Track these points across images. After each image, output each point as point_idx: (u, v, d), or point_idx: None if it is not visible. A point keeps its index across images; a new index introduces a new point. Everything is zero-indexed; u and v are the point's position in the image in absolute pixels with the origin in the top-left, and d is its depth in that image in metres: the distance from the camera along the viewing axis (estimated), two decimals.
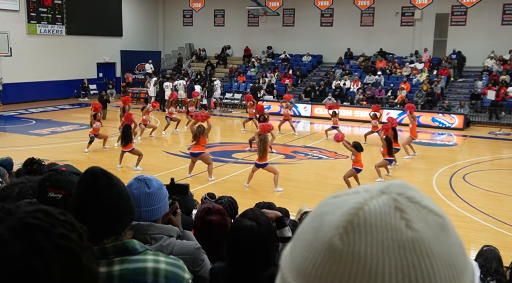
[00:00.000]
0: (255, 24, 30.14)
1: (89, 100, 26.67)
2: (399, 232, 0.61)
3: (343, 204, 0.65)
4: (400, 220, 0.62)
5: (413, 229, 0.61)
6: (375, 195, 0.65)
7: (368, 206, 0.63)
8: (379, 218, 0.62)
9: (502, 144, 17.84)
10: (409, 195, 0.65)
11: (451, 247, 0.63)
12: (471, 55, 24.44)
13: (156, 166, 12.95)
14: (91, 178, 1.76)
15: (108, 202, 1.73)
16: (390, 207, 0.63)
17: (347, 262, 0.61)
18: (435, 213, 0.64)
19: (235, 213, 4.49)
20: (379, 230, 0.61)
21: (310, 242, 0.65)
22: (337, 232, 0.62)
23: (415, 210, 0.63)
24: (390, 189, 0.65)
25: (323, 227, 0.64)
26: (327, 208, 0.66)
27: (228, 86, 26.82)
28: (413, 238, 0.61)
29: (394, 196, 0.64)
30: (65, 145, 15.76)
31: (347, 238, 0.61)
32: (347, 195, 0.67)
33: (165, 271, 1.72)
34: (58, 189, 2.09)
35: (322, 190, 11.20)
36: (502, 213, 9.91)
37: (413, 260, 0.60)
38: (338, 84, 24.37)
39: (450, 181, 12.35)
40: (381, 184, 0.67)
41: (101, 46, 29.13)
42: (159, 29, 33.54)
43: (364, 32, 27.19)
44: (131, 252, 1.71)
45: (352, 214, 0.63)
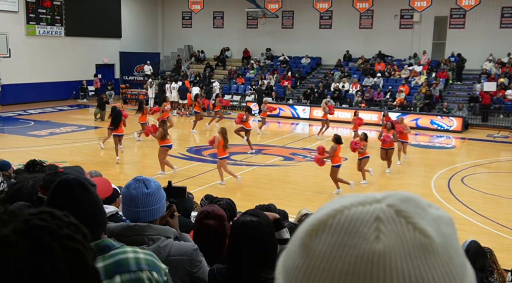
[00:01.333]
0: (254, 26, 30.17)
1: (88, 102, 26.69)
2: (365, 241, 0.60)
3: (335, 204, 0.66)
4: (373, 231, 0.61)
5: (380, 241, 0.60)
6: (368, 202, 0.64)
7: (349, 210, 0.63)
8: (353, 224, 0.62)
9: (500, 146, 17.86)
10: (401, 208, 0.63)
11: (427, 269, 0.60)
12: (470, 58, 24.45)
13: (154, 167, 12.93)
14: (65, 187, 1.83)
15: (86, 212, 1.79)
16: (371, 216, 0.62)
17: (308, 257, 0.63)
18: (422, 232, 0.61)
19: (234, 215, 4.47)
20: (346, 234, 0.62)
21: (295, 236, 0.68)
22: (309, 229, 0.65)
23: (397, 224, 0.62)
24: (386, 200, 0.64)
25: (305, 223, 0.67)
26: (323, 207, 0.68)
27: (227, 88, 26.82)
28: (376, 250, 0.60)
29: (383, 207, 0.63)
30: (63, 146, 15.75)
31: (315, 237, 0.63)
32: (349, 198, 0.67)
33: (145, 259, 1.84)
34: (47, 190, 2.08)
35: (321, 192, 11.20)
36: (500, 216, 9.92)
37: (366, 270, 0.59)
38: (337, 86, 24.39)
39: (449, 183, 12.36)
40: (387, 192, 0.66)
41: (100, 47, 29.13)
42: (158, 30, 33.56)
43: (363, 34, 27.23)
44: (109, 249, 1.81)
45: (329, 215, 0.64)
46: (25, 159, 4.70)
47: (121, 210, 2.77)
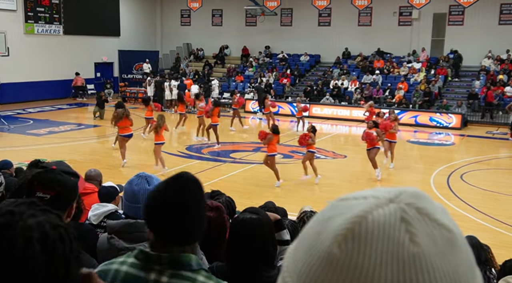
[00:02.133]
0: (253, 24, 30.15)
1: (87, 100, 26.67)
2: (401, 245, 0.59)
3: (348, 209, 0.63)
4: (405, 233, 0.60)
5: (416, 244, 0.59)
6: (383, 203, 0.62)
7: (372, 215, 0.61)
8: (382, 229, 0.60)
9: (499, 143, 17.88)
10: (419, 206, 0.62)
11: (458, 263, 0.61)
12: (469, 55, 24.48)
13: (153, 165, 12.93)
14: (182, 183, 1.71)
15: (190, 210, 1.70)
16: (396, 218, 0.60)
17: (342, 271, 0.59)
18: (445, 227, 0.62)
19: (233, 213, 4.48)
20: (380, 241, 0.59)
21: (311, 247, 0.64)
22: (336, 240, 0.61)
23: (422, 222, 0.61)
24: (400, 198, 0.63)
25: (324, 233, 0.63)
26: (332, 213, 0.64)
27: (226, 86, 26.82)
28: (415, 253, 0.58)
29: (403, 206, 0.62)
30: (63, 145, 15.74)
31: (346, 247, 0.60)
32: (355, 200, 0.65)
33: None
34: (46, 189, 2.04)
35: (320, 190, 11.22)
36: (500, 212, 9.94)
37: (411, 276, 0.58)
38: (336, 84, 24.39)
39: (448, 180, 12.38)
40: (393, 190, 0.65)
41: (99, 46, 29.10)
42: (156, 28, 33.54)
43: (362, 31, 27.22)
44: (184, 267, 1.66)
45: (354, 222, 0.61)
46: (25, 157, 4.71)
47: (123, 207, 2.78)
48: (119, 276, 1.68)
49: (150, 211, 1.71)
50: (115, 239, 2.58)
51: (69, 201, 2.10)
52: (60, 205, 2.00)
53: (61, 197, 2.05)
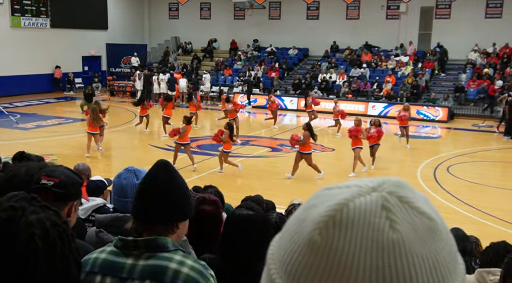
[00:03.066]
0: (241, 17, 30.07)
1: (74, 94, 26.47)
2: (381, 232, 0.60)
3: (331, 198, 0.64)
4: (385, 220, 0.61)
5: (396, 231, 0.60)
6: (365, 191, 0.63)
7: (354, 203, 0.62)
8: (363, 216, 0.61)
9: (485, 136, 18.08)
10: (401, 194, 0.63)
11: (438, 251, 0.62)
12: (455, 48, 24.65)
13: (143, 160, 12.91)
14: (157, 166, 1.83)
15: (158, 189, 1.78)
16: (377, 206, 0.62)
17: (323, 257, 0.60)
18: (426, 215, 0.63)
19: (222, 203, 4.52)
20: (360, 228, 0.60)
21: (293, 234, 0.65)
22: (318, 227, 0.62)
23: (403, 210, 0.62)
24: (382, 187, 0.64)
25: (306, 221, 0.64)
26: (316, 201, 0.65)
27: (214, 80, 26.76)
28: (394, 239, 0.60)
29: (384, 194, 0.63)
30: (50, 139, 15.64)
31: (327, 233, 0.61)
32: (339, 188, 0.66)
33: (186, 275, 1.66)
34: (51, 176, 2.11)
35: (308, 183, 11.28)
36: (486, 205, 10.07)
37: (389, 261, 0.59)
38: (324, 77, 24.45)
39: (435, 173, 12.51)
40: (376, 179, 0.66)
41: (87, 39, 28.85)
42: (144, 22, 33.31)
43: (350, 25, 27.28)
44: (161, 249, 1.70)
45: (335, 209, 0.62)
46: (12, 151, 4.68)
47: (112, 201, 2.79)
48: (97, 264, 1.71)
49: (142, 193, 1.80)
50: (103, 233, 2.58)
51: (71, 195, 2.12)
52: (62, 196, 2.03)
53: (65, 186, 2.08)
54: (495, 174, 13.10)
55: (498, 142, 16.91)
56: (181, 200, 1.82)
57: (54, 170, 2.19)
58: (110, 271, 1.69)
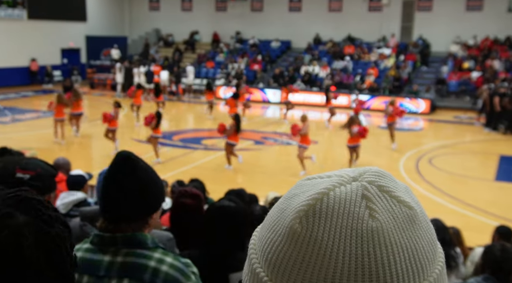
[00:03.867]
0: (223, 9, 29.85)
1: (53, 87, 26.03)
2: (360, 220, 0.61)
3: (312, 187, 0.64)
4: (365, 209, 0.61)
5: (376, 219, 0.61)
6: (346, 181, 0.64)
7: (334, 192, 0.63)
8: (343, 205, 0.62)
9: (467, 127, 18.26)
10: (381, 184, 0.64)
11: (417, 239, 0.63)
12: (437, 41, 24.83)
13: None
14: (118, 161, 1.72)
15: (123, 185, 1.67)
16: (357, 195, 0.62)
17: (303, 245, 0.61)
18: (405, 204, 0.63)
19: (206, 196, 4.46)
20: (340, 217, 0.61)
21: (274, 224, 0.65)
22: (298, 216, 0.62)
23: (383, 199, 0.63)
24: (363, 176, 0.65)
25: (287, 210, 0.64)
26: (297, 190, 0.66)
27: (196, 72, 26.54)
28: (373, 227, 0.60)
29: (365, 184, 0.64)
30: (29, 133, 15.35)
31: (306, 222, 0.61)
32: (320, 178, 0.66)
33: (165, 273, 1.62)
34: (26, 170, 2.07)
35: (292, 176, 11.24)
36: (467, 195, 10.16)
37: (369, 249, 0.60)
38: (307, 70, 24.42)
39: (417, 164, 12.58)
40: (357, 169, 0.66)
41: (65, 31, 28.31)
42: (125, 14, 32.83)
43: (333, 17, 27.26)
44: (140, 245, 1.65)
45: (315, 198, 0.62)
46: None
47: (96, 196, 2.73)
48: None
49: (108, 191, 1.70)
50: (87, 226, 2.53)
51: (47, 187, 2.08)
52: (39, 189, 1.99)
53: (41, 179, 2.06)
54: (477, 165, 13.22)
55: (480, 134, 17.08)
56: (150, 191, 1.71)
57: (28, 162, 2.15)
58: (87, 269, 1.63)
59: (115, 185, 1.68)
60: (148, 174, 1.72)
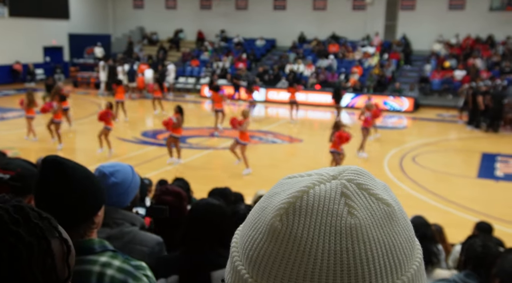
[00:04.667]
0: (208, 7, 29.75)
1: (36, 86, 25.70)
2: (339, 217, 0.62)
3: (293, 185, 0.66)
4: (344, 206, 0.63)
5: (354, 216, 0.62)
6: (326, 179, 0.66)
7: (313, 190, 0.64)
8: (322, 202, 0.63)
9: (450, 125, 18.45)
10: (360, 182, 0.66)
11: (395, 236, 0.64)
12: (420, 39, 25.06)
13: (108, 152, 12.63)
14: (42, 167, 1.64)
15: (57, 191, 1.59)
16: (336, 193, 0.64)
17: (283, 243, 0.62)
18: (383, 202, 0.65)
19: (189, 196, 4.45)
20: (319, 214, 0.62)
21: (255, 222, 0.66)
22: (278, 213, 0.63)
23: (362, 197, 0.64)
24: (342, 175, 0.67)
25: (267, 208, 0.66)
26: (278, 189, 0.67)
27: (181, 71, 26.44)
28: (352, 224, 0.62)
29: (344, 182, 0.65)
30: (11, 132, 15.15)
31: (287, 220, 0.63)
32: (301, 177, 0.68)
33: (111, 277, 1.58)
34: (6, 169, 2.06)
35: (277, 174, 11.23)
36: (450, 193, 10.28)
37: (347, 245, 0.61)
38: (292, 68, 24.47)
39: (401, 162, 12.68)
40: (337, 168, 0.68)
41: (48, 29, 27.97)
42: (108, 11, 32.54)
43: (317, 16, 27.34)
44: (86, 252, 1.59)
45: (295, 196, 0.64)
46: None
47: None
48: None
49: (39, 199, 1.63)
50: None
51: (29, 187, 2.03)
52: (19, 189, 1.98)
53: (22, 178, 2.03)
54: (459, 163, 13.38)
55: (462, 131, 17.28)
56: (84, 192, 1.62)
57: (10, 162, 2.14)
58: None
59: (46, 191, 1.60)
60: (79, 174, 1.64)
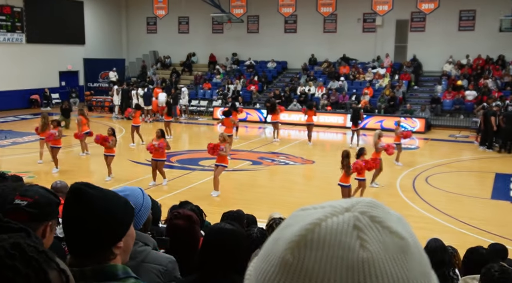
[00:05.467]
0: (220, 31, 30.19)
1: (52, 110, 26.13)
2: (351, 251, 0.61)
3: (305, 218, 0.65)
4: (356, 240, 0.62)
5: (366, 249, 0.61)
6: (338, 211, 0.65)
7: (326, 223, 0.63)
8: (334, 235, 0.62)
9: (462, 146, 18.38)
10: (373, 214, 0.65)
11: (409, 270, 0.63)
12: (430, 60, 25.14)
13: (121, 175, 12.78)
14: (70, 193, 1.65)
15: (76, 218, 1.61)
16: (348, 225, 0.63)
17: (294, 276, 0.61)
18: (397, 235, 0.64)
19: (201, 220, 4.50)
20: (331, 247, 0.61)
21: (268, 254, 0.66)
22: (290, 246, 0.63)
23: (374, 230, 0.63)
24: (355, 207, 0.66)
25: (280, 240, 0.65)
26: (292, 221, 0.67)
27: (194, 94, 26.74)
28: (364, 258, 0.60)
29: (357, 214, 0.64)
30: (27, 156, 15.39)
31: (298, 253, 0.62)
32: (314, 209, 0.67)
33: None
34: (24, 196, 2.07)
35: (289, 196, 11.29)
36: (463, 214, 10.21)
37: (359, 280, 0.60)
38: (303, 90, 24.63)
39: (413, 183, 12.64)
40: (350, 200, 0.68)
41: (64, 54, 28.58)
42: (122, 36, 33.18)
43: (327, 38, 27.59)
44: (110, 278, 1.58)
45: (307, 229, 0.63)
46: None
47: None
48: None
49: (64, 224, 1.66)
50: None
51: (46, 214, 2.05)
52: (36, 216, 1.99)
53: (39, 206, 2.04)
54: (472, 184, 13.30)
55: (475, 152, 17.20)
56: (104, 223, 1.62)
57: (28, 189, 2.15)
58: None
59: (71, 218, 1.63)
60: (103, 202, 1.63)
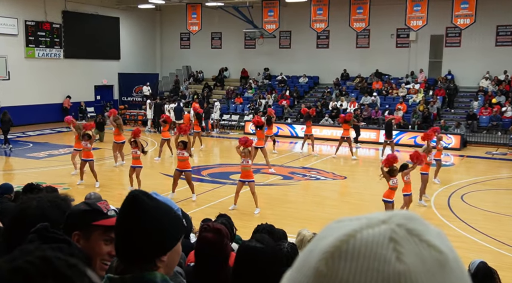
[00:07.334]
0: (252, 46, 30.41)
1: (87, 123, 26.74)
2: (387, 263, 0.60)
3: (340, 229, 0.65)
4: (392, 252, 0.61)
5: (403, 262, 0.60)
6: (375, 223, 0.64)
7: (361, 234, 0.63)
8: (370, 247, 0.61)
9: (499, 163, 17.88)
10: (410, 227, 0.63)
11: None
12: (466, 76, 24.67)
13: (153, 188, 12.89)
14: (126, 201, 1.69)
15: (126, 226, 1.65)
16: (384, 237, 0.62)
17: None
18: (436, 249, 0.62)
19: (232, 232, 4.49)
20: (366, 259, 0.60)
21: (302, 265, 0.65)
22: (324, 257, 0.62)
23: (412, 242, 0.62)
24: (392, 219, 0.65)
25: (314, 251, 0.65)
26: (326, 233, 0.66)
27: (225, 108, 26.93)
28: (400, 270, 0.59)
29: (393, 227, 0.63)
30: (62, 168, 15.71)
31: (332, 264, 0.61)
32: (350, 221, 0.67)
33: None
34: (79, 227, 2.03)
35: (320, 211, 11.16)
36: (501, 233, 9.88)
37: None
38: (335, 105, 24.49)
39: (449, 201, 12.33)
40: (387, 213, 0.67)
41: (99, 69, 29.30)
42: (156, 52, 33.80)
43: (360, 53, 27.45)
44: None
45: (342, 240, 0.63)
46: (24, 181, 4.70)
47: None
48: None
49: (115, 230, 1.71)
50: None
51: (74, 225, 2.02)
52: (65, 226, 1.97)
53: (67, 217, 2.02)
54: (510, 202, 12.88)
55: None
56: (153, 233, 1.64)
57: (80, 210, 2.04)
58: None
59: (123, 225, 1.67)
60: (156, 214, 1.66)
